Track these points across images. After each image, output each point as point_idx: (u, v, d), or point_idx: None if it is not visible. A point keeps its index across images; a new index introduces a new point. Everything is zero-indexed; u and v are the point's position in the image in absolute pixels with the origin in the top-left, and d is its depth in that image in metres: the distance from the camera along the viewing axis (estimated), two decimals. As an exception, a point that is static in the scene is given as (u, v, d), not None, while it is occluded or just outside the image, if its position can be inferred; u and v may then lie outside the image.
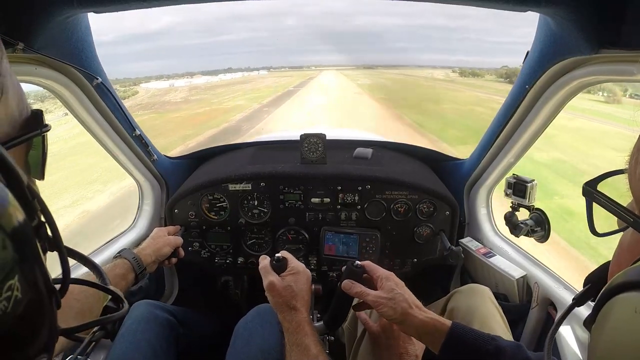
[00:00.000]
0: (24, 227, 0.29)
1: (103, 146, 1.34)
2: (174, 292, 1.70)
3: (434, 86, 36.16)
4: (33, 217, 0.32)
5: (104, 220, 5.41)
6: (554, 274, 1.26)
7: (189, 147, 6.42)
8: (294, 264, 0.98)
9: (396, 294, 0.85)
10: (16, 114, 0.39)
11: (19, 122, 0.40)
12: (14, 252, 0.27)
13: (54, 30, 0.90)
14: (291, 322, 0.88)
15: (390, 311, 0.83)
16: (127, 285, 1.07)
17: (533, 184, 1.27)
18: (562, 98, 1.09)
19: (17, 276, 0.28)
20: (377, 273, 0.93)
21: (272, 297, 0.92)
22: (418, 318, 0.82)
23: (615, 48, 0.80)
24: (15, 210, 0.29)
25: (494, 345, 0.77)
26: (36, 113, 0.43)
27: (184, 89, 35.47)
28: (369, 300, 0.87)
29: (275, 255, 0.98)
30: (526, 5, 0.84)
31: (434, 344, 0.81)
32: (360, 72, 68.22)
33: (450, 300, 1.18)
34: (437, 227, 1.52)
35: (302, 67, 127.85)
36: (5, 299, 0.26)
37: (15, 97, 0.39)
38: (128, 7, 0.91)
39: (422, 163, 1.78)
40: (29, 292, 0.29)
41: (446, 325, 0.81)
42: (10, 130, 0.38)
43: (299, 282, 0.94)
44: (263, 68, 79.71)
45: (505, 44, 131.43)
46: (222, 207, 1.53)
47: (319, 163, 1.56)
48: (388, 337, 0.97)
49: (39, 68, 0.97)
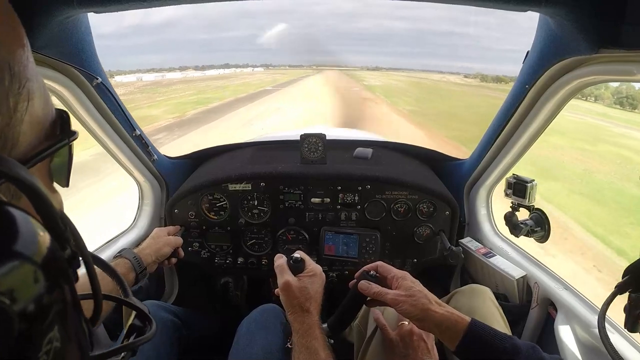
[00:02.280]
0: (57, 263, 0.27)
1: (103, 146, 1.34)
2: (174, 292, 1.70)
3: (468, 92, 30.57)
4: (65, 248, 0.30)
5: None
6: (554, 274, 1.26)
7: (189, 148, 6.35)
8: (312, 265, 0.97)
9: (415, 291, 0.85)
10: (42, 120, 0.36)
11: (44, 129, 0.36)
12: (49, 299, 0.26)
13: (54, 30, 0.90)
14: (302, 324, 0.87)
15: (410, 308, 0.82)
16: (128, 285, 1.07)
17: (533, 184, 1.27)
18: (562, 98, 1.09)
19: (57, 327, 0.26)
20: (391, 273, 0.92)
21: (287, 297, 0.91)
22: (439, 313, 0.81)
23: (615, 48, 0.80)
24: (46, 245, 0.27)
25: (510, 343, 0.76)
26: (62, 116, 0.39)
27: (148, 83, 34.21)
28: (387, 299, 0.86)
29: (293, 255, 0.97)
30: (526, 5, 0.84)
31: (452, 339, 0.80)
32: (367, 73, 65.39)
33: (450, 301, 1.18)
34: (437, 227, 1.52)
35: (303, 66, 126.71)
36: (45, 352, 0.25)
37: (41, 101, 0.35)
38: (128, 7, 0.91)
39: (422, 163, 1.78)
40: (66, 338, 0.27)
41: (465, 320, 0.80)
42: (35, 141, 0.34)
43: (314, 285, 0.93)
44: (262, 65, 79.51)
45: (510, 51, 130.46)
46: (222, 207, 1.53)
47: (319, 163, 1.56)
48: (406, 347, 0.96)
49: (38, 68, 0.97)
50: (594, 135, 12.38)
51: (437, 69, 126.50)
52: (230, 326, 1.17)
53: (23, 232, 0.25)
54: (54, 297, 0.26)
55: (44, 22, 0.85)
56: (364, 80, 42.94)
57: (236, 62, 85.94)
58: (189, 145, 2.16)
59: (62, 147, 0.37)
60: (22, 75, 0.32)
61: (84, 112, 1.18)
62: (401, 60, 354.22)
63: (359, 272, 0.97)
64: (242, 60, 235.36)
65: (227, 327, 1.22)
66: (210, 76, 49.60)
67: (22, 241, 0.25)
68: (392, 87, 36.17)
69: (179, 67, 72.15)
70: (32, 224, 0.26)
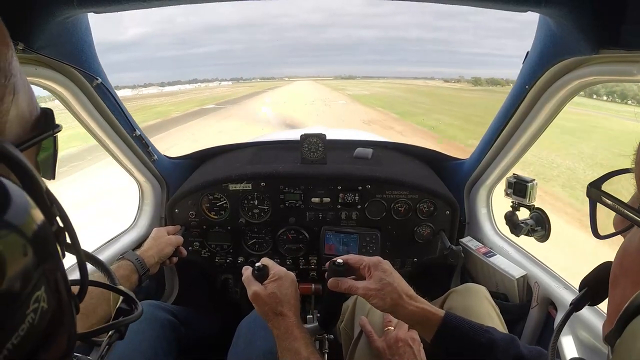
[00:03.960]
0: (45, 233, 0.29)
1: (103, 146, 1.34)
2: (174, 291, 1.70)
3: (477, 97, 25.09)
4: (52, 223, 0.32)
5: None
6: (554, 273, 1.26)
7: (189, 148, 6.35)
8: (275, 269, 0.98)
9: (384, 284, 0.84)
10: (27, 114, 0.39)
11: (29, 122, 0.39)
12: (37, 260, 0.27)
13: (54, 30, 0.90)
14: (279, 328, 0.88)
15: (380, 302, 0.83)
16: (131, 287, 1.07)
17: (533, 183, 1.27)
18: (562, 98, 1.09)
19: (44, 287, 0.27)
20: (362, 262, 0.91)
21: (258, 306, 0.92)
22: (407, 309, 0.82)
23: (615, 48, 0.80)
24: (36, 216, 0.28)
25: (487, 337, 0.77)
26: (46, 112, 0.42)
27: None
28: (359, 294, 0.86)
29: (255, 264, 0.98)
30: (526, 5, 0.84)
31: (426, 333, 0.82)
32: (344, 82, 60.63)
33: (447, 300, 1.18)
34: (437, 227, 1.53)
35: (275, 78, 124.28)
36: (33, 311, 0.26)
37: (25, 97, 0.38)
38: (128, 7, 0.91)
39: (422, 163, 1.78)
40: (53, 302, 0.29)
41: (438, 315, 0.81)
42: (21, 131, 0.37)
43: (282, 288, 0.93)
44: (232, 79, 79.25)
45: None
46: (223, 206, 1.53)
47: (319, 163, 1.56)
48: (392, 354, 0.96)
49: (38, 68, 0.97)
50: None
51: (412, 75, 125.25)
52: (230, 325, 1.17)
53: (16, 201, 0.26)
54: (41, 261, 0.27)
55: (44, 22, 0.85)
56: (345, 89, 36.86)
57: (204, 77, 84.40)
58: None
59: (46, 137, 0.40)
60: (7, 70, 0.34)
61: (84, 113, 1.18)
62: (373, 68, 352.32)
63: (327, 263, 0.95)
64: (211, 75, 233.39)
65: (227, 326, 1.22)
66: (166, 92, 47.46)
67: (14, 209, 0.26)
68: (388, 97, 28.00)
69: (143, 84, 71.31)
70: (24, 195, 0.28)
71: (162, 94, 42.49)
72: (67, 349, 0.32)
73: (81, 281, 0.38)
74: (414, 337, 1.00)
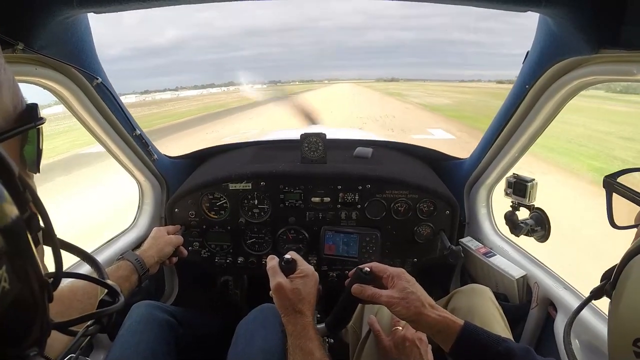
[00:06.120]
0: (13, 218, 0.29)
1: (103, 146, 1.34)
2: (174, 292, 1.70)
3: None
4: (24, 209, 0.32)
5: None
6: (554, 274, 1.26)
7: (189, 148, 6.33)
8: (303, 266, 0.97)
9: (408, 292, 0.84)
10: (10, 108, 0.39)
11: (13, 116, 0.40)
12: (1, 243, 0.27)
13: (54, 30, 0.90)
14: (296, 326, 0.87)
15: (403, 310, 0.83)
16: (130, 287, 1.07)
17: (533, 183, 1.27)
18: (562, 98, 1.09)
19: (5, 267, 0.27)
20: (386, 272, 0.91)
21: (279, 299, 0.91)
22: (431, 317, 0.81)
23: (615, 48, 0.80)
24: (5, 201, 0.29)
25: (504, 346, 0.77)
26: (31, 107, 0.42)
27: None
28: (382, 301, 0.86)
29: (284, 256, 0.97)
30: (526, 5, 0.84)
31: (445, 342, 0.81)
32: (390, 85, 52.38)
33: (451, 300, 1.18)
34: (437, 227, 1.52)
35: (314, 80, 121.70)
36: None
37: (9, 91, 0.39)
38: (128, 8, 0.91)
39: (422, 162, 1.78)
40: (18, 284, 0.29)
41: (458, 324, 0.81)
42: (4, 124, 0.38)
43: (307, 286, 0.93)
44: (270, 82, 79.19)
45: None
46: (222, 206, 1.53)
47: (319, 162, 1.56)
48: (400, 353, 0.96)
49: (39, 68, 0.97)
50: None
51: (453, 78, 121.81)
52: (230, 326, 1.17)
53: None
54: (3, 242, 0.28)
55: (44, 22, 0.85)
56: (402, 94, 28.08)
57: (241, 80, 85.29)
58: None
59: (27, 129, 0.40)
60: None
61: (84, 112, 1.18)
62: (416, 71, 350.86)
63: (352, 270, 0.96)
64: (249, 78, 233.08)
65: (226, 326, 1.22)
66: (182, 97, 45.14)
67: None
68: (472, 106, 18.24)
69: (175, 87, 70.93)
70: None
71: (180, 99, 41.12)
72: (38, 337, 0.33)
73: (55, 269, 0.38)
74: (421, 337, 1.00)
